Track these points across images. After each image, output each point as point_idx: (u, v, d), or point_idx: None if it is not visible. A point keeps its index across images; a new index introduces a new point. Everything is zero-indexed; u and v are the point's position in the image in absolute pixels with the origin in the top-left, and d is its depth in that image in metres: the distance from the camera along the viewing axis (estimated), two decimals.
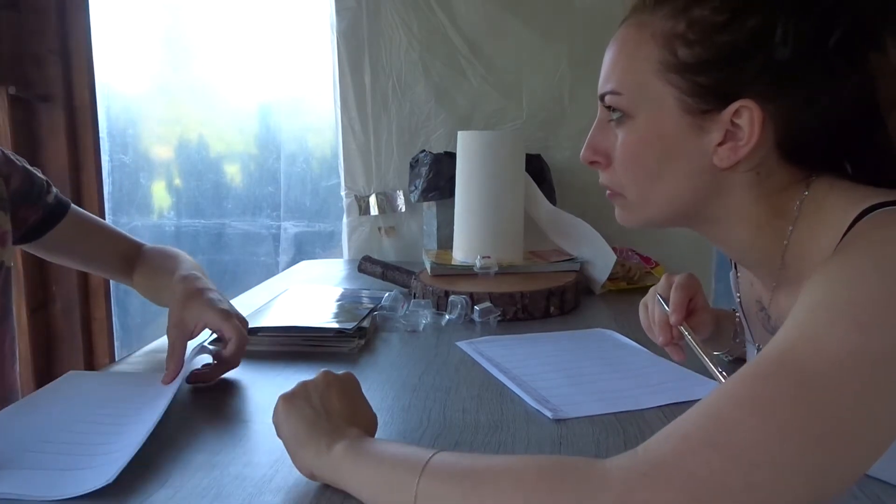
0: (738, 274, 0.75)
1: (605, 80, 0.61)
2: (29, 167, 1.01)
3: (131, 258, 1.06)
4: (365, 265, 1.42)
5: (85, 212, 1.08)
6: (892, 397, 0.42)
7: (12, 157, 0.99)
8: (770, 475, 0.39)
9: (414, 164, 1.74)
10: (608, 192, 0.64)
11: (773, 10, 0.52)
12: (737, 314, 0.83)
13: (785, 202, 0.57)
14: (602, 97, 0.61)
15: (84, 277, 1.84)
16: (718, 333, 0.85)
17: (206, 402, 0.81)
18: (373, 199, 1.84)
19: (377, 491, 0.53)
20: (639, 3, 0.59)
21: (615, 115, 0.60)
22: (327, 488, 0.58)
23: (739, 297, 0.75)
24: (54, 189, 1.03)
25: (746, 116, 0.53)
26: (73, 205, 1.05)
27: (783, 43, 0.52)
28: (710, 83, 0.54)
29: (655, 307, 0.81)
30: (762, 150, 0.55)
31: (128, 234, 1.11)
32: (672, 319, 0.76)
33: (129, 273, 1.06)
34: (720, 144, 0.55)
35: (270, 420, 0.63)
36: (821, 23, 0.51)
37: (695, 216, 0.61)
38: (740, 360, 0.87)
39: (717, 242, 0.64)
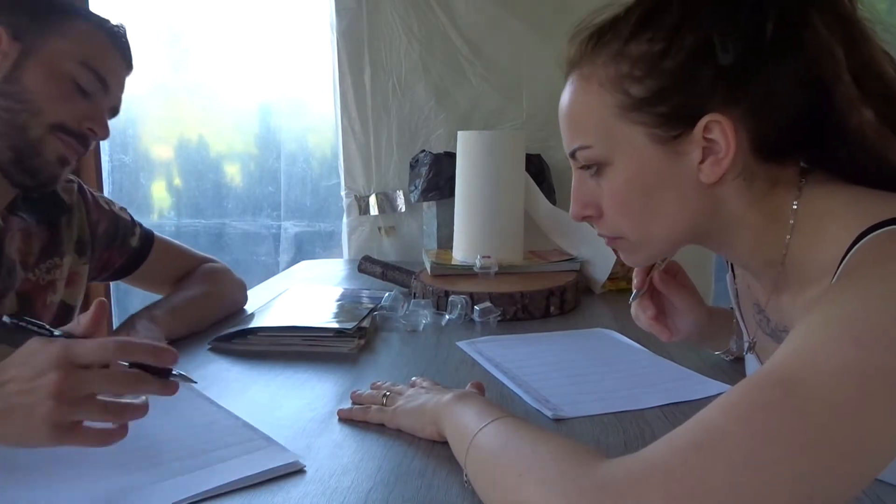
0: (735, 278, 0.75)
1: (570, 139, 0.62)
2: (117, 211, 1.08)
3: (183, 277, 1.15)
4: (365, 265, 1.42)
5: (165, 240, 1.15)
6: (891, 413, 0.41)
7: (102, 202, 1.06)
8: (752, 477, 0.39)
9: (414, 164, 1.74)
10: (606, 240, 0.65)
11: (705, 22, 0.54)
12: (734, 319, 0.83)
13: (778, 205, 0.57)
14: (573, 155, 0.62)
15: None
16: (717, 331, 0.85)
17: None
18: (373, 199, 1.84)
19: (453, 440, 0.61)
20: (574, 57, 0.61)
21: (592, 169, 0.61)
22: (328, 488, 0.58)
23: (738, 301, 0.75)
24: (138, 229, 1.10)
25: (717, 129, 0.54)
26: (155, 237, 1.13)
27: (724, 50, 0.53)
28: (671, 110, 0.55)
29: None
30: (741, 156, 0.56)
31: (194, 252, 1.20)
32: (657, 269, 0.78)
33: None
34: (701, 162, 0.56)
35: (270, 420, 0.63)
36: (752, 20, 0.53)
37: (698, 236, 0.62)
38: (739, 361, 0.87)
39: (723, 252, 0.65)
